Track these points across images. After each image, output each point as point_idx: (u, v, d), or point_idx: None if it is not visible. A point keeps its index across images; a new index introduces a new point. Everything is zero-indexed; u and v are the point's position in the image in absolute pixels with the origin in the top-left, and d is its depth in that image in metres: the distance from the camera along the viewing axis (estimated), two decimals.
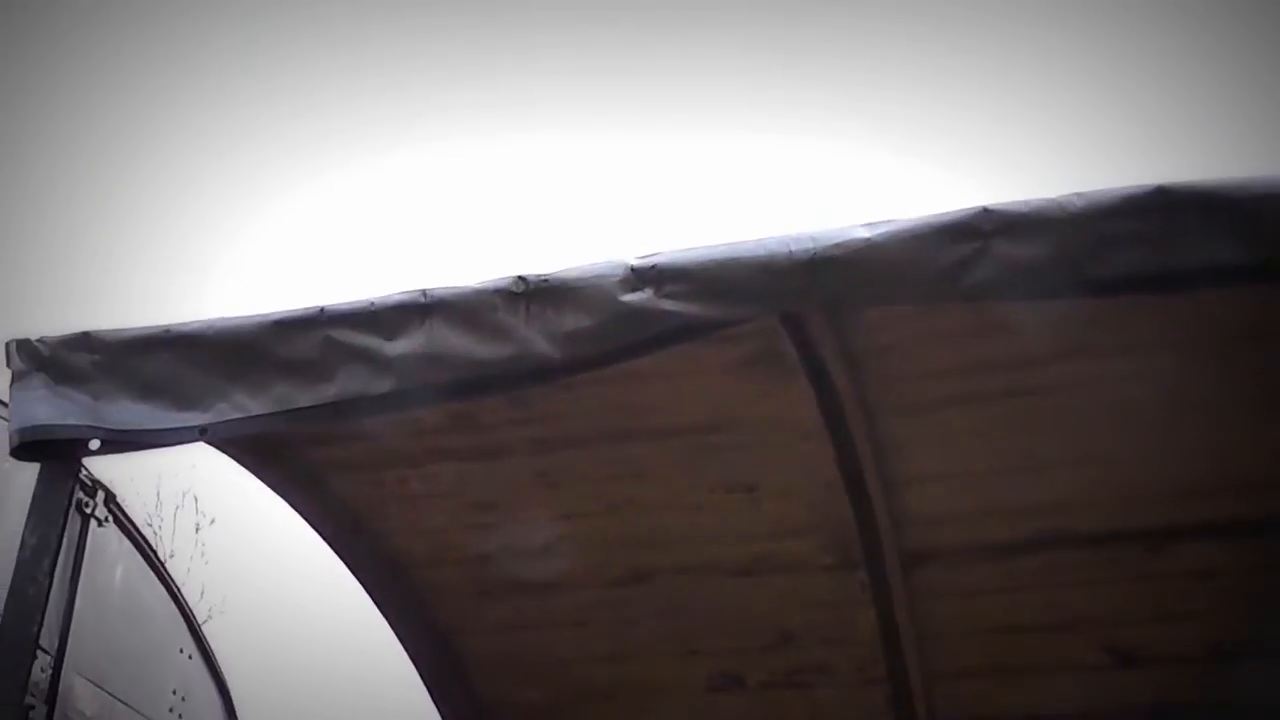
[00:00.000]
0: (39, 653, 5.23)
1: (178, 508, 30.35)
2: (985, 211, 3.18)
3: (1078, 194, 3.15)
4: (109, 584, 5.78)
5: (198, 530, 30.34)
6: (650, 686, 5.86)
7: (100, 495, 5.63)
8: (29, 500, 3.88)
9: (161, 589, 6.24)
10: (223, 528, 29.67)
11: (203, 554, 30.63)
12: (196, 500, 29.88)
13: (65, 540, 5.38)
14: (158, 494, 30.59)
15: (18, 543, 3.79)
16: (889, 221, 3.26)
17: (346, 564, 5.42)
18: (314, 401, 3.61)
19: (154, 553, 6.21)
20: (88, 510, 5.55)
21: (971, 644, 5.42)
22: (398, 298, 3.60)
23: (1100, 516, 4.93)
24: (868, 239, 3.24)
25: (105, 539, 5.72)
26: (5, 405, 3.98)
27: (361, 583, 5.53)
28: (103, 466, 5.37)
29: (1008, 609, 5.27)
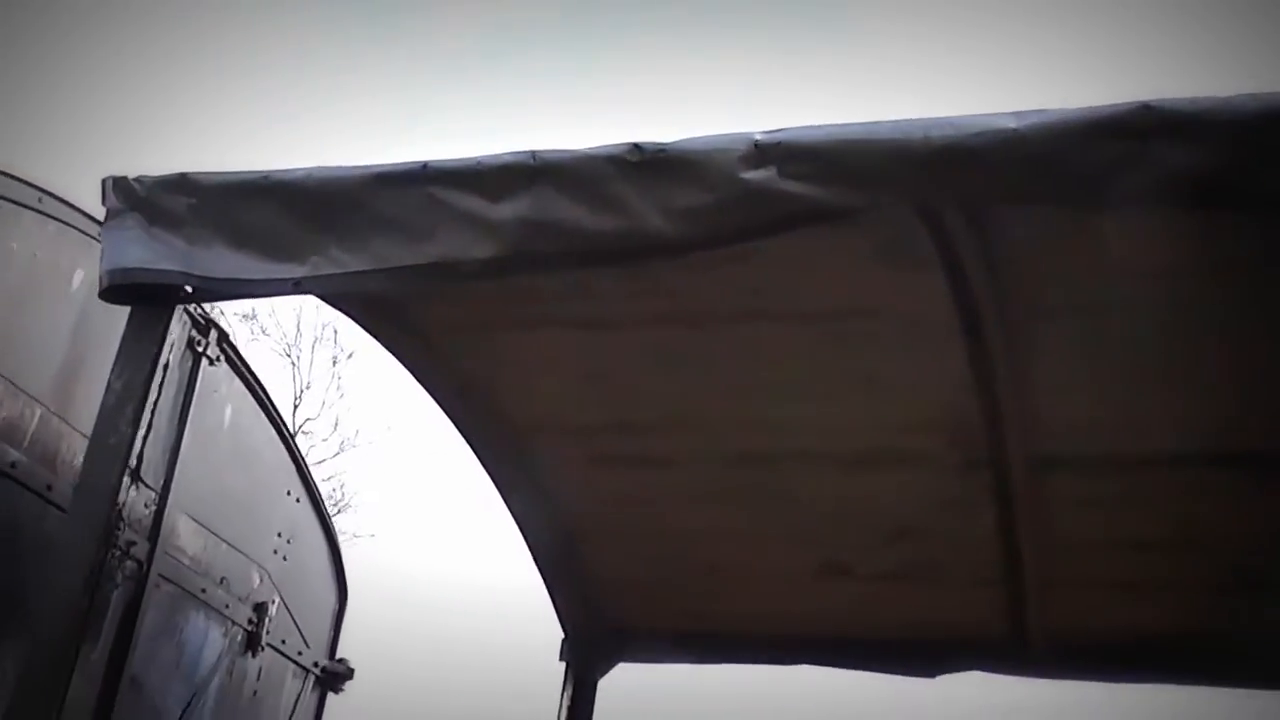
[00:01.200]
0: (143, 488, 5.23)
1: (316, 340, 31.00)
2: (1146, 108, 2.84)
3: (1252, 95, 2.80)
4: (218, 424, 5.75)
5: (335, 364, 30.99)
6: (758, 570, 5.73)
7: (213, 334, 5.57)
8: None
9: (272, 430, 6.22)
10: (360, 362, 30.24)
11: (339, 388, 31.33)
12: (336, 333, 30.46)
13: (177, 378, 5.40)
14: (298, 325, 31.28)
15: None
16: (1039, 111, 2.93)
17: (456, 426, 5.30)
18: (413, 261, 3.43)
19: (265, 393, 6.16)
20: (199, 349, 5.50)
21: (1091, 555, 5.18)
22: (505, 158, 3.38)
23: (1238, 437, 4.61)
24: (1014, 129, 2.92)
25: (216, 378, 5.68)
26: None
27: (471, 446, 5.41)
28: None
29: (1132, 523, 5.01)
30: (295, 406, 30.75)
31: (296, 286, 3.55)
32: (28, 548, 4.67)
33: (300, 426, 31.05)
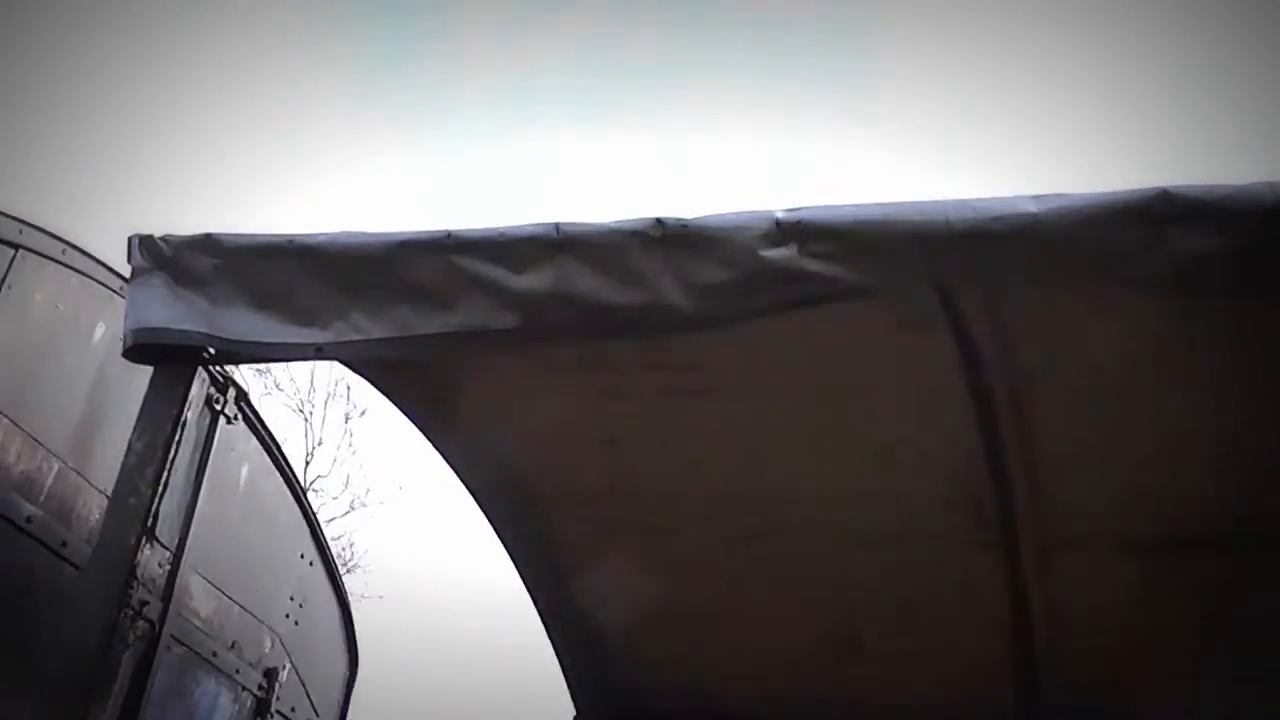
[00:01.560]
0: (157, 547, 5.24)
1: (330, 396, 31.06)
2: (1164, 195, 2.88)
3: (1268, 184, 2.83)
4: (234, 483, 5.77)
5: (347, 420, 31.02)
6: (770, 648, 5.68)
7: (231, 392, 5.60)
8: None
9: (286, 491, 6.23)
10: (373, 419, 30.28)
11: (350, 444, 31.35)
12: (349, 390, 30.53)
13: (194, 436, 5.42)
14: (311, 381, 31.33)
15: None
16: (1058, 196, 2.97)
17: (469, 491, 5.31)
18: (435, 329, 3.47)
19: (281, 453, 6.19)
20: (217, 406, 5.53)
21: (1105, 636, 5.14)
22: (529, 229, 3.42)
23: (1250, 523, 4.60)
24: (1034, 214, 2.96)
25: (233, 437, 5.70)
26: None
27: (484, 511, 5.42)
28: None
29: (1147, 604, 4.98)
30: (307, 463, 30.78)
31: (319, 352, 3.59)
32: (40, 603, 4.68)
33: (311, 484, 31.06)
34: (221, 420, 5.55)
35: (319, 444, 30.80)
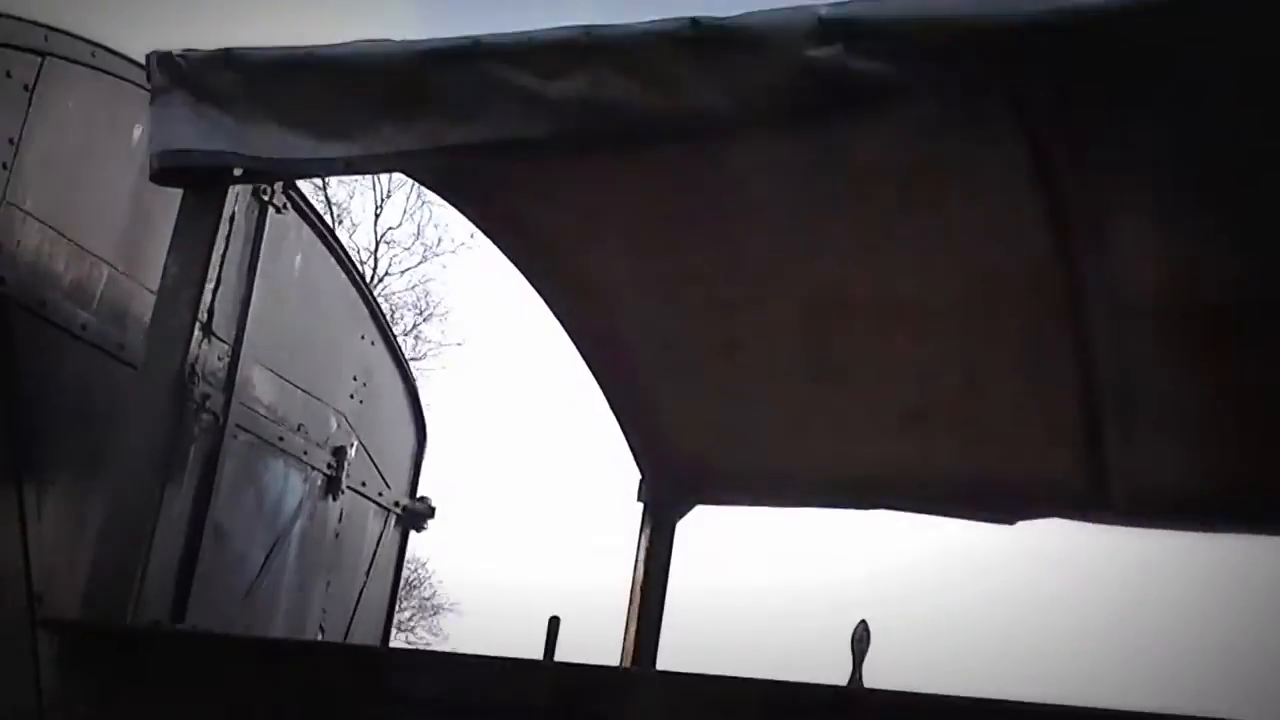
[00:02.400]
0: (215, 342, 5.26)
1: None
2: None
3: None
4: (288, 272, 5.73)
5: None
6: (835, 415, 5.63)
7: (278, 181, 5.51)
8: None
9: (342, 275, 6.19)
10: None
11: (419, 195, 31.25)
12: None
13: (244, 228, 5.38)
14: None
15: None
16: None
17: (527, 278, 5.22)
18: (464, 140, 3.34)
19: (334, 238, 6.13)
20: (265, 197, 5.45)
21: (1171, 404, 5.03)
22: (558, 34, 3.24)
23: None
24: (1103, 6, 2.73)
25: (284, 226, 5.64)
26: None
27: (540, 294, 5.34)
28: None
29: (1212, 372, 4.85)
30: (377, 216, 30.89)
31: (349, 166, 3.50)
32: (102, 410, 4.72)
33: (382, 236, 31.21)
34: (270, 210, 5.48)
35: (388, 196, 30.79)
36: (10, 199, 4.27)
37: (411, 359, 11.96)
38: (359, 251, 29.13)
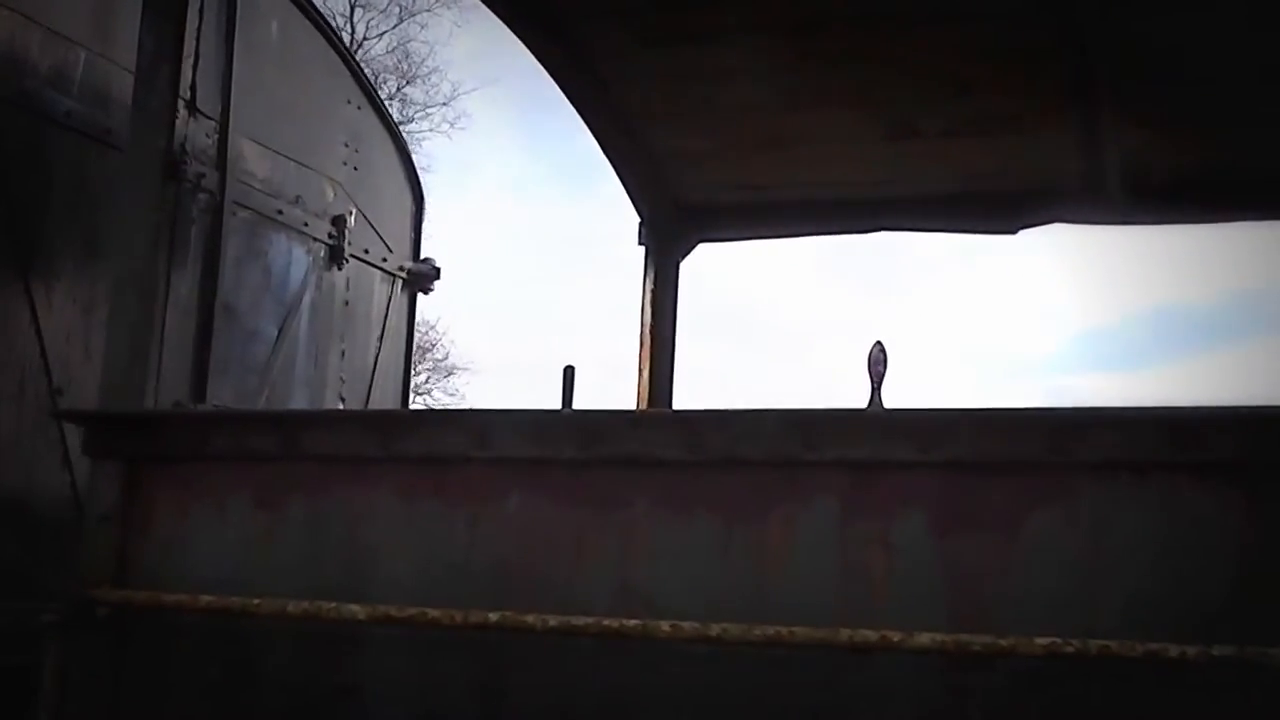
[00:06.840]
0: (201, 119, 5.20)
1: None
2: None
3: None
4: (264, 40, 5.62)
5: None
6: (824, 136, 5.57)
7: None
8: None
9: (321, 40, 6.07)
10: None
11: None
12: None
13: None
14: None
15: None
16: None
17: (494, 11, 5.05)
18: None
19: (308, 2, 5.97)
20: None
21: (1166, 94, 4.94)
22: None
23: None
24: None
25: None
26: None
27: (515, 31, 5.13)
28: None
29: (1206, 59, 4.75)
30: None
31: None
32: (95, 197, 4.70)
33: None
34: None
35: None
36: None
37: (400, 124, 11.75)
38: (334, 17, 28.46)
